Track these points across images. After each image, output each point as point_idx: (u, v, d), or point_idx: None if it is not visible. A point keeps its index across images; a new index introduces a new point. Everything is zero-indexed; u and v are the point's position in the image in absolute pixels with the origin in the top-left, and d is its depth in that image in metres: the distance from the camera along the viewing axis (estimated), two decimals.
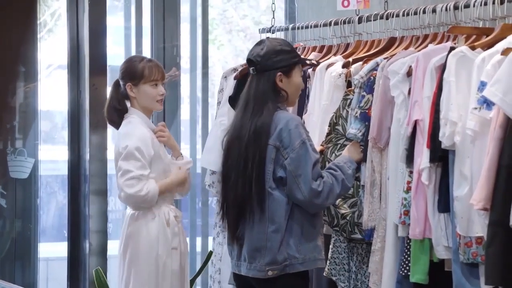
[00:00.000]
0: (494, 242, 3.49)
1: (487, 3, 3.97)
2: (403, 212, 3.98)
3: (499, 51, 3.61)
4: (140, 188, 4.34)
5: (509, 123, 3.49)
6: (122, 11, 5.93)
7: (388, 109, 4.11)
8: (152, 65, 4.44)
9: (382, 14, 4.60)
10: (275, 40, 4.03)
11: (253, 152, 3.84)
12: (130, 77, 4.42)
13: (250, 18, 7.06)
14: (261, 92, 3.92)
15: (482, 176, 3.54)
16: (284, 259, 3.87)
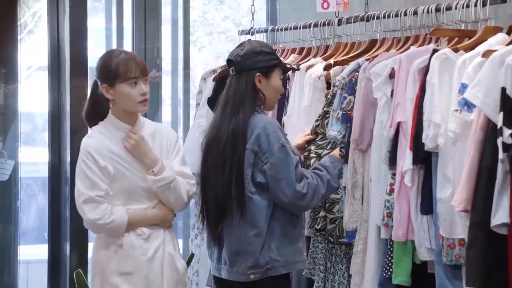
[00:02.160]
0: (475, 244, 3.50)
1: (469, 5, 3.98)
2: (386, 214, 3.98)
3: (480, 53, 3.62)
4: (99, 215, 3.84)
5: (490, 125, 3.50)
6: (103, 13, 5.91)
7: (371, 111, 4.11)
8: (129, 60, 3.87)
9: (362, 16, 4.61)
10: (256, 42, 4.05)
11: (230, 155, 3.84)
12: (105, 77, 3.89)
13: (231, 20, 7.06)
14: (239, 93, 3.92)
15: (463, 178, 3.55)
16: (266, 263, 3.87)
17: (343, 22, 4.73)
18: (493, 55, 3.51)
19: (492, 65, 3.49)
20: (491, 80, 3.48)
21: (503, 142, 3.39)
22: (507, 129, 3.39)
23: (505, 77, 3.42)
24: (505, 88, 3.41)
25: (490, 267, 3.49)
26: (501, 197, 3.43)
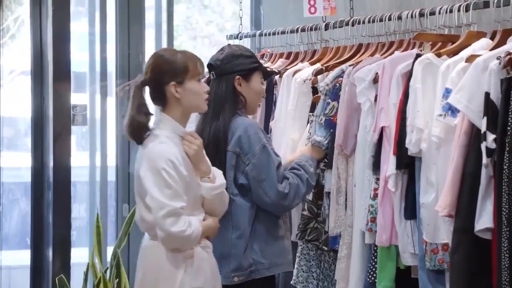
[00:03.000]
0: (459, 249, 3.51)
1: (452, 10, 3.99)
2: (370, 219, 3.98)
3: (463, 58, 3.63)
4: (183, 227, 3.49)
5: (474, 130, 3.51)
6: (86, 17, 5.88)
7: (355, 116, 4.12)
8: (194, 57, 3.62)
9: (348, 21, 4.61)
10: (236, 46, 4.09)
11: (212, 157, 3.84)
12: (172, 74, 3.56)
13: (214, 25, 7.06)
14: (219, 96, 3.94)
15: (447, 183, 3.55)
16: (250, 265, 3.86)
17: (330, 27, 4.73)
18: (476, 60, 3.52)
19: (476, 70, 3.50)
20: (474, 85, 3.49)
21: (486, 147, 3.40)
22: (490, 134, 3.39)
23: (488, 82, 3.43)
24: (489, 93, 3.42)
25: (474, 271, 3.50)
26: (485, 202, 3.44)
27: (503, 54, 3.42)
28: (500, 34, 3.72)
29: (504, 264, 3.35)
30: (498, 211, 3.38)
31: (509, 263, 3.34)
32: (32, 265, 5.64)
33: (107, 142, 5.78)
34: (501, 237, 3.36)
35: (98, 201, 5.78)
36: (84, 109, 5.69)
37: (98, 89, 5.78)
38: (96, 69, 5.79)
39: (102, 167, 5.76)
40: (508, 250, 3.34)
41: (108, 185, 5.79)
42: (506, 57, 3.39)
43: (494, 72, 3.41)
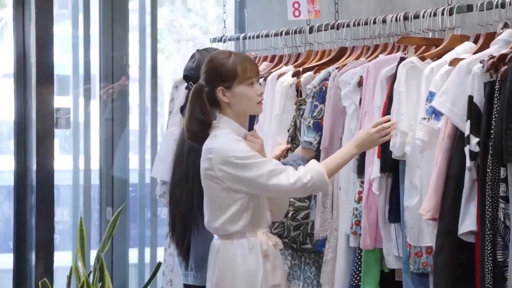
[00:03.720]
0: (442, 252, 3.51)
1: (436, 14, 4.00)
2: (354, 222, 3.98)
3: (447, 61, 3.64)
4: (296, 176, 3.50)
5: (457, 133, 3.52)
6: (69, 20, 5.86)
7: (340, 119, 4.12)
8: (244, 60, 3.60)
9: (332, 24, 4.62)
10: (205, 51, 4.10)
11: (193, 163, 3.85)
12: (220, 79, 3.57)
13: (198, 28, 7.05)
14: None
15: (430, 186, 3.56)
16: None
17: (315, 30, 4.73)
18: (460, 63, 3.53)
19: (459, 73, 3.51)
20: (458, 88, 3.50)
21: (470, 150, 3.40)
22: (474, 137, 3.40)
23: (471, 86, 3.44)
24: (472, 97, 3.43)
25: (458, 275, 3.50)
26: (468, 205, 3.44)
27: (487, 58, 3.43)
28: (483, 37, 3.73)
29: (487, 267, 3.35)
30: (482, 214, 3.39)
31: (493, 266, 3.35)
32: (15, 268, 5.61)
33: (91, 145, 5.76)
34: (485, 240, 3.36)
35: (82, 204, 5.76)
36: (67, 112, 5.67)
37: (81, 92, 5.76)
38: (79, 72, 5.78)
39: (85, 171, 5.75)
40: (491, 253, 3.35)
41: (92, 188, 5.77)
42: (490, 61, 3.40)
43: (478, 75, 3.42)
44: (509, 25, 3.67)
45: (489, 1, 3.75)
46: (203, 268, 3.88)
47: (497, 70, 3.39)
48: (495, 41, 3.62)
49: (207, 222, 3.62)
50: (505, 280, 3.33)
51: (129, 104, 5.86)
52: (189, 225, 3.92)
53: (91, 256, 5.45)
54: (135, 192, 5.96)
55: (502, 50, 3.50)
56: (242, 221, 3.54)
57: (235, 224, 3.55)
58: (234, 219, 3.54)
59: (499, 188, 3.35)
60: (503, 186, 3.34)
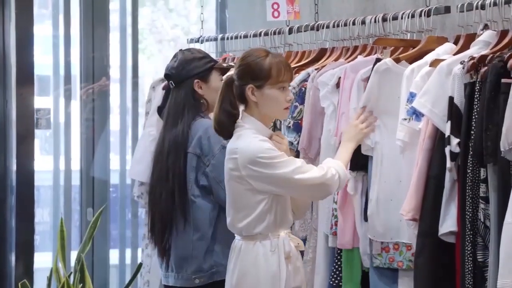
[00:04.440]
0: (423, 252, 3.52)
1: (414, 15, 4.02)
2: (333, 223, 4.00)
3: (428, 62, 3.65)
4: (322, 170, 3.51)
5: (438, 134, 3.53)
6: (50, 20, 5.84)
7: (318, 120, 4.13)
8: (281, 63, 3.55)
9: (312, 25, 4.62)
10: (187, 51, 4.10)
11: (173, 163, 3.86)
12: (252, 77, 3.53)
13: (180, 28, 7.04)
14: (178, 103, 3.97)
15: (411, 186, 3.57)
16: (211, 267, 3.87)
17: (294, 31, 4.74)
18: (440, 64, 3.55)
19: (440, 74, 3.52)
20: (439, 89, 3.51)
21: (450, 151, 3.42)
22: (454, 138, 3.41)
23: (452, 87, 3.45)
24: (453, 98, 3.44)
25: (438, 275, 3.51)
26: (449, 205, 3.46)
27: (467, 59, 3.44)
28: (463, 38, 3.74)
29: (467, 267, 3.37)
30: (462, 214, 3.40)
31: (473, 266, 3.36)
32: None
33: (71, 146, 5.75)
34: (465, 241, 3.38)
35: (62, 205, 5.74)
36: (47, 113, 5.65)
37: (62, 93, 5.74)
38: (60, 73, 5.76)
39: (66, 171, 5.73)
40: (471, 254, 3.36)
41: (72, 189, 5.76)
42: (470, 62, 3.42)
43: (458, 76, 3.43)
44: (489, 26, 3.69)
45: (469, 3, 3.77)
46: (183, 268, 3.88)
47: (477, 71, 3.40)
48: (475, 42, 3.64)
49: (230, 222, 3.60)
50: (485, 280, 3.34)
51: (109, 105, 5.85)
52: (168, 225, 3.91)
53: (72, 257, 5.43)
54: (116, 193, 5.95)
55: (482, 51, 3.52)
56: (266, 222, 3.53)
57: (259, 225, 3.53)
58: (258, 220, 3.52)
59: (479, 189, 3.36)
60: (483, 186, 3.36)
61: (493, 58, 3.35)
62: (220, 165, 3.84)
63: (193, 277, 3.88)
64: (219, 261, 3.87)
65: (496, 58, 3.33)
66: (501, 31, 3.60)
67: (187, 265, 3.88)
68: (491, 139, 3.28)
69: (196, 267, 3.87)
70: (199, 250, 3.86)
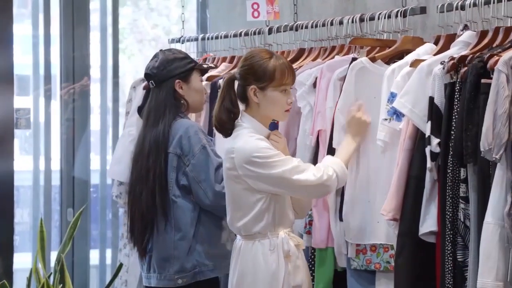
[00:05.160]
0: (403, 252, 3.53)
1: (390, 16, 4.03)
2: (308, 222, 4.01)
3: (408, 62, 3.66)
4: (319, 172, 3.52)
5: (418, 134, 3.54)
6: (29, 19, 5.82)
7: (295, 119, 4.14)
8: (284, 66, 3.58)
9: (291, 25, 4.63)
10: (168, 51, 4.08)
11: (153, 162, 3.85)
12: (256, 78, 3.55)
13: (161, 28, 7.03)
14: (159, 103, 3.96)
15: (391, 187, 3.58)
16: (193, 267, 3.86)
17: (274, 31, 4.74)
18: (421, 65, 3.56)
19: (420, 74, 3.53)
20: (419, 89, 3.52)
21: (431, 151, 3.43)
22: (435, 138, 3.42)
23: (432, 87, 3.46)
24: (433, 98, 3.45)
25: (418, 275, 3.52)
26: (429, 205, 3.47)
27: (447, 59, 3.45)
28: (443, 39, 3.76)
29: (447, 267, 3.38)
30: (442, 214, 3.41)
31: (453, 266, 3.37)
32: None
33: (51, 146, 5.73)
34: (445, 240, 3.39)
35: (42, 205, 5.72)
36: (27, 113, 5.63)
37: (42, 92, 5.72)
38: (40, 72, 5.74)
39: (46, 171, 5.71)
40: (451, 253, 3.37)
41: (52, 189, 5.74)
42: (450, 62, 3.43)
43: (438, 76, 3.45)
44: (468, 27, 3.70)
45: (449, 3, 3.79)
46: (165, 269, 3.86)
47: (457, 72, 3.42)
48: (455, 43, 3.66)
49: (229, 221, 3.62)
50: (465, 280, 3.35)
51: (90, 105, 5.83)
52: (149, 226, 3.90)
53: (52, 258, 5.41)
54: (96, 193, 5.94)
55: (462, 52, 3.53)
56: (264, 221, 3.54)
57: (257, 224, 3.54)
58: (256, 219, 3.54)
59: (459, 189, 3.37)
60: (463, 186, 3.37)
61: (473, 59, 3.37)
62: (200, 165, 3.84)
63: (175, 277, 3.88)
64: (202, 261, 3.87)
65: (476, 59, 3.34)
66: (480, 31, 3.62)
67: (169, 265, 3.88)
68: (471, 139, 3.29)
69: (179, 267, 3.87)
70: (181, 250, 3.86)
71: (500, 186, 3.22)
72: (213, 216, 3.90)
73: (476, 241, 3.32)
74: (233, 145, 3.55)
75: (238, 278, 3.59)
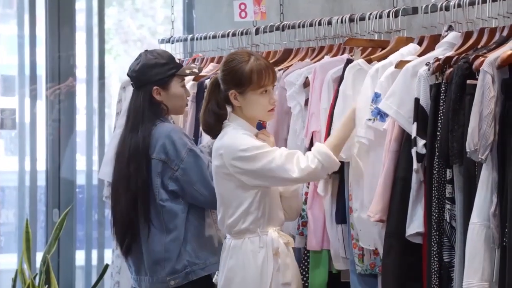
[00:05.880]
0: (390, 253, 3.53)
1: (382, 16, 4.02)
2: (301, 224, 3.99)
3: (392, 62, 3.66)
4: (306, 160, 3.50)
5: (404, 135, 3.53)
6: (15, 19, 5.80)
7: (285, 120, 4.13)
8: (262, 67, 3.56)
9: (278, 26, 4.63)
10: (151, 54, 3.99)
11: (135, 168, 3.84)
12: (235, 83, 3.56)
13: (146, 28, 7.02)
14: (137, 107, 3.94)
15: (378, 188, 3.57)
16: (184, 267, 3.86)
17: (261, 31, 4.74)
18: (406, 66, 3.55)
19: (405, 76, 3.53)
20: (404, 91, 3.52)
21: (417, 152, 3.43)
22: (420, 140, 3.42)
23: (418, 88, 3.46)
24: (418, 99, 3.45)
25: (405, 276, 3.52)
26: (416, 207, 3.47)
27: (432, 60, 3.45)
28: (427, 39, 3.76)
29: (433, 267, 3.38)
30: (428, 215, 3.41)
31: (439, 266, 3.38)
32: None
33: (37, 146, 5.71)
34: (431, 241, 3.39)
35: (28, 206, 5.70)
36: (13, 113, 5.62)
37: (27, 93, 5.71)
38: (25, 73, 5.72)
39: (31, 172, 5.69)
40: (437, 254, 3.37)
41: (38, 190, 5.72)
42: (435, 63, 3.43)
43: (424, 78, 3.44)
44: (453, 27, 3.70)
45: (433, 4, 3.79)
46: (157, 272, 3.86)
47: (443, 73, 3.42)
48: (440, 44, 3.66)
49: (220, 220, 3.63)
50: (451, 280, 3.36)
51: (76, 105, 5.82)
52: (131, 226, 3.88)
53: (37, 259, 5.39)
54: (82, 194, 5.92)
55: (447, 53, 3.53)
56: (253, 216, 3.54)
57: (245, 221, 3.55)
58: (244, 216, 3.55)
59: (445, 190, 3.37)
60: (449, 187, 3.37)
61: (458, 60, 3.37)
62: (191, 167, 3.83)
63: (168, 279, 3.86)
64: (192, 260, 3.85)
65: (462, 60, 3.34)
66: (465, 32, 3.62)
67: (160, 268, 3.86)
68: (457, 140, 3.29)
69: (170, 269, 3.85)
70: (172, 252, 3.85)
71: (486, 186, 3.22)
72: (199, 214, 3.90)
73: (462, 242, 3.32)
74: (221, 144, 3.56)
75: (227, 275, 3.59)
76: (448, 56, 3.44)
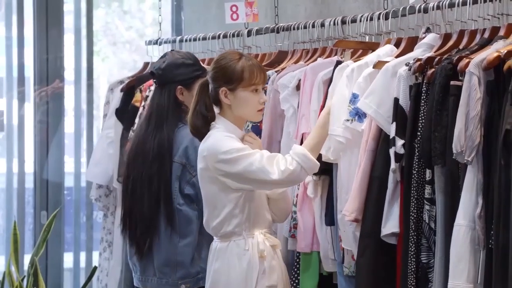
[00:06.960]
0: (365, 253, 3.51)
1: (373, 18, 4.03)
2: (293, 226, 3.99)
3: (368, 63, 3.64)
4: (286, 162, 3.48)
5: (382, 135, 3.52)
6: (3, 21, 5.79)
7: (278, 122, 4.13)
8: (253, 66, 3.56)
9: (272, 28, 4.62)
10: (178, 53, 4.03)
11: (158, 169, 3.84)
12: (225, 80, 3.55)
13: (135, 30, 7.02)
14: (161, 106, 3.93)
15: (354, 187, 3.56)
16: (197, 272, 3.87)
17: (253, 33, 4.73)
18: (386, 66, 3.54)
19: (385, 75, 3.52)
20: (384, 90, 3.51)
21: (395, 152, 3.42)
22: (399, 139, 3.41)
23: (397, 88, 3.45)
24: (398, 99, 3.44)
25: (379, 276, 3.51)
26: (392, 207, 3.46)
27: (412, 61, 3.45)
28: (405, 41, 3.75)
29: (410, 268, 3.36)
30: (405, 216, 3.40)
31: (416, 267, 3.36)
32: None
33: (25, 148, 5.70)
34: (408, 242, 3.38)
35: (15, 208, 5.69)
36: (0, 115, 5.61)
37: (15, 95, 5.70)
38: (13, 74, 5.72)
39: (19, 174, 5.68)
40: (414, 255, 3.36)
41: (26, 192, 5.72)
42: (417, 63, 3.42)
43: (403, 77, 3.44)
44: (431, 29, 3.71)
45: (411, 6, 3.79)
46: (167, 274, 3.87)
47: (423, 73, 3.41)
48: (419, 45, 3.64)
49: (205, 223, 3.61)
50: (429, 281, 3.35)
51: (64, 107, 5.81)
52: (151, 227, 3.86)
53: (25, 261, 5.39)
54: (71, 196, 5.92)
55: (426, 54, 3.53)
56: (238, 219, 3.52)
57: (230, 224, 3.53)
58: (229, 219, 3.53)
59: (424, 190, 3.36)
60: (428, 188, 3.36)
61: (441, 60, 3.36)
62: None
63: (179, 282, 3.86)
64: (205, 267, 3.84)
65: (445, 60, 3.34)
66: (444, 34, 3.62)
67: (171, 271, 3.86)
68: (440, 141, 3.28)
69: (183, 272, 3.85)
70: (186, 257, 3.84)
71: (471, 188, 3.21)
72: None
73: (443, 243, 3.30)
74: (205, 146, 3.55)
75: (213, 278, 3.58)
76: (429, 57, 3.43)
